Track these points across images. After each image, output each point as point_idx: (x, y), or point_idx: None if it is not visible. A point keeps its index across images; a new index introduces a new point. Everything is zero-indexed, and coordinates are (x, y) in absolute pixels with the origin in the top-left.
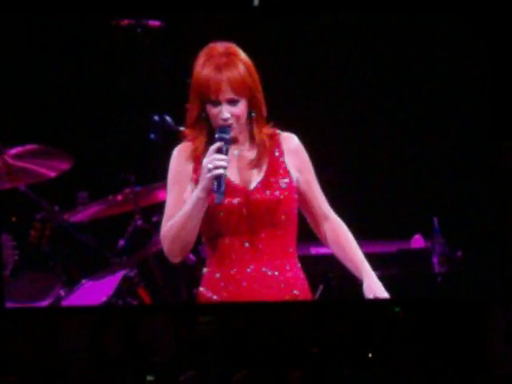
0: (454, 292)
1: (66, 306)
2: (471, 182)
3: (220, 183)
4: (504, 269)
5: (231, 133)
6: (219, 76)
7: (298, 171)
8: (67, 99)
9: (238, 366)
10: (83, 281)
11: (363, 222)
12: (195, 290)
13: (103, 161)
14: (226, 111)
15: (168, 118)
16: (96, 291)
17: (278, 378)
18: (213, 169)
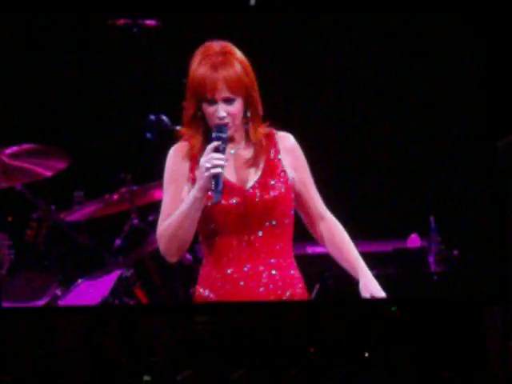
0: (450, 291)
1: (63, 306)
2: (467, 182)
3: (218, 182)
4: (502, 268)
5: (228, 132)
6: (215, 75)
7: (294, 170)
8: (63, 99)
9: (235, 366)
10: (79, 280)
11: (359, 222)
12: (192, 290)
13: (99, 160)
14: (222, 110)
15: (164, 118)
16: (92, 291)
17: (275, 378)
18: (210, 168)
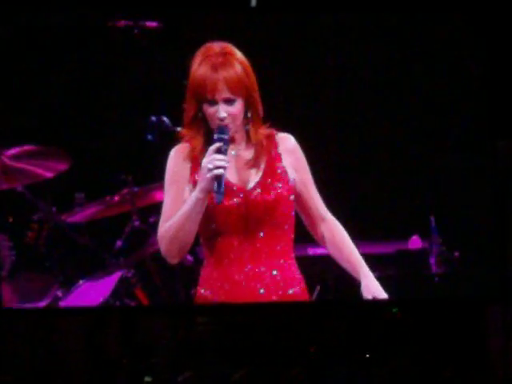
0: (451, 292)
1: (64, 307)
2: (468, 183)
3: (220, 183)
4: (503, 268)
5: (229, 133)
6: (215, 75)
7: (295, 171)
8: (64, 100)
9: (236, 367)
10: (80, 282)
11: (361, 223)
12: (193, 291)
13: (100, 161)
14: (223, 110)
15: (165, 119)
16: (93, 292)
17: (276, 378)
18: (213, 169)
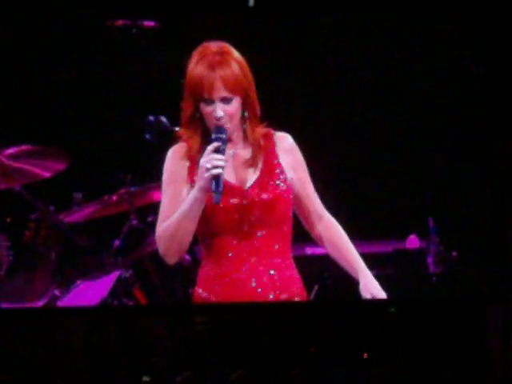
0: (449, 292)
1: (62, 307)
2: (466, 183)
3: (218, 183)
4: (502, 268)
5: (227, 133)
6: (212, 74)
7: (293, 170)
8: (63, 100)
9: (235, 366)
10: (78, 281)
11: (358, 222)
12: (191, 290)
13: (98, 161)
14: (220, 109)
15: (163, 119)
16: (91, 292)
17: (275, 378)
18: (211, 168)
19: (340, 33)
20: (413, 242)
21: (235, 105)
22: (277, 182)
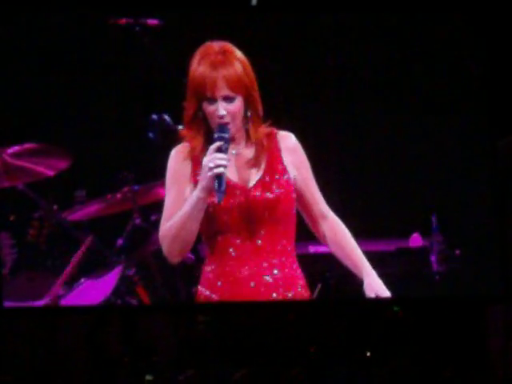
0: (452, 291)
1: (65, 306)
2: (469, 181)
3: (221, 182)
4: (504, 267)
5: (230, 132)
6: (215, 73)
7: (296, 169)
8: (65, 98)
9: (237, 366)
10: (82, 280)
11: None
12: (194, 289)
13: (101, 159)
14: (222, 108)
15: (166, 117)
16: (95, 290)
17: (277, 378)
18: (214, 168)
19: (340, 32)
20: (416, 241)
21: (238, 104)
22: (280, 182)
